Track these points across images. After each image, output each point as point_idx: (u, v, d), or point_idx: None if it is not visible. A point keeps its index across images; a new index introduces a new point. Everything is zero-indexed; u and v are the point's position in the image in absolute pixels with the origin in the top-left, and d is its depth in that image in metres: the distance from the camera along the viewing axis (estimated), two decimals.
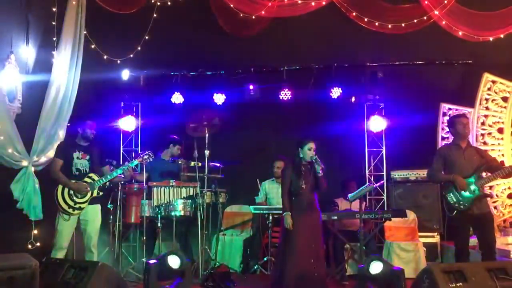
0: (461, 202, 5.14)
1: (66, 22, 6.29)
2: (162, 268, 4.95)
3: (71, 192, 5.49)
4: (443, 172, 5.40)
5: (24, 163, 5.52)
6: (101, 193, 5.71)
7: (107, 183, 5.87)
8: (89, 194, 5.57)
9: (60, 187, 5.49)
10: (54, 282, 4.32)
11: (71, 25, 6.35)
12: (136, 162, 6.01)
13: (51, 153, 5.89)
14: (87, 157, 5.69)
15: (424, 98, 7.73)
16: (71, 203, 5.47)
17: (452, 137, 5.61)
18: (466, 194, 5.15)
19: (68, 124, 6.26)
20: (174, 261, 4.99)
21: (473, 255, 5.36)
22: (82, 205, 5.53)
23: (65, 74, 6.18)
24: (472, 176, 5.19)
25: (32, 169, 5.61)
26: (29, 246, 5.50)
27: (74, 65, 6.32)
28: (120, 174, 5.85)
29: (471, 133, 7.37)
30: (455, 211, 5.16)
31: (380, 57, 7.80)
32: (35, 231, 5.53)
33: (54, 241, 5.45)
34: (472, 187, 5.17)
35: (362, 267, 4.82)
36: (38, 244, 5.54)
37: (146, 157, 6.02)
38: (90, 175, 5.66)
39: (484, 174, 5.32)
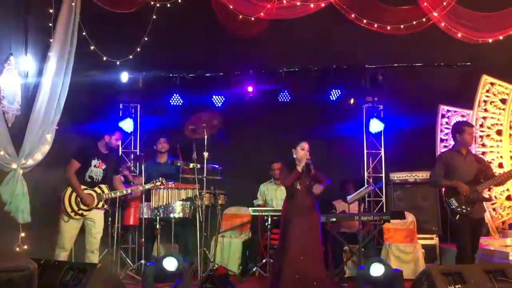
0: (463, 207, 5.22)
1: (59, 24, 6.27)
2: (160, 271, 4.95)
3: (79, 199, 5.50)
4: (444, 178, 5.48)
5: (14, 165, 5.50)
6: (105, 206, 5.71)
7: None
8: (94, 204, 5.58)
9: (69, 190, 5.50)
10: (52, 284, 4.31)
11: (63, 27, 6.33)
12: (148, 186, 6.03)
13: (38, 156, 5.87)
14: (103, 167, 5.69)
15: (422, 100, 7.74)
16: (75, 208, 5.48)
17: (454, 142, 5.66)
18: None
19: (56, 127, 6.22)
20: (170, 264, 4.96)
21: None
22: (84, 212, 5.53)
23: (54, 76, 6.16)
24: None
25: (21, 171, 5.59)
26: (17, 249, 5.49)
27: (64, 68, 6.29)
28: (130, 193, 5.90)
29: None
30: (458, 215, 5.24)
31: (379, 59, 7.80)
32: (23, 234, 5.52)
33: (57, 241, 5.46)
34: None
35: (362, 268, 4.82)
36: (25, 246, 5.52)
37: (158, 183, 6.02)
38: (101, 186, 5.66)
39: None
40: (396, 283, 4.68)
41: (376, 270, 4.74)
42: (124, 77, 7.63)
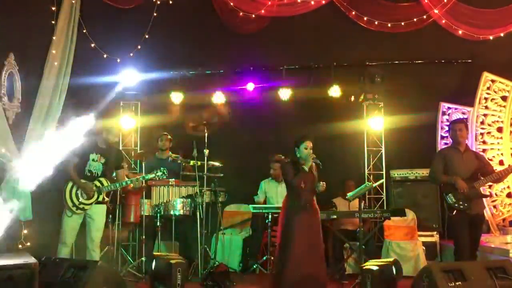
0: (461, 202, 5.27)
1: (60, 21, 6.26)
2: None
3: (78, 191, 5.50)
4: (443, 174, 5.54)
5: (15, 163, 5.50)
6: (106, 199, 5.72)
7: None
8: (94, 197, 5.57)
9: (70, 184, 5.50)
10: (53, 281, 4.32)
11: (64, 25, 6.32)
12: (149, 176, 6.00)
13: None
14: (103, 161, 5.67)
15: (423, 97, 7.73)
16: (76, 202, 5.47)
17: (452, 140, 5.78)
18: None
19: (57, 124, 6.22)
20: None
21: None
22: (85, 206, 5.51)
23: (55, 74, 6.14)
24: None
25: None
26: (19, 246, 5.50)
27: (65, 65, 6.28)
28: (130, 184, 5.89)
29: (470, 132, 7.42)
30: (455, 211, 5.30)
31: (379, 56, 7.80)
32: (25, 231, 5.52)
33: (59, 237, 5.46)
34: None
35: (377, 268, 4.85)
36: (28, 244, 5.53)
37: (159, 174, 6.02)
38: (101, 179, 5.64)
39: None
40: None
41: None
42: (131, 77, 7.59)
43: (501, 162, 7.45)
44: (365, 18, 7.38)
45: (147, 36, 7.50)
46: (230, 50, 7.86)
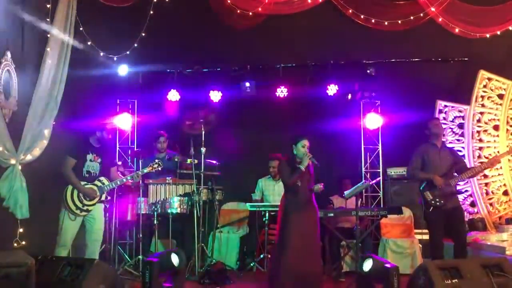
0: (437, 199, 5.47)
1: (56, 19, 6.24)
2: (164, 265, 5.00)
3: (81, 195, 5.47)
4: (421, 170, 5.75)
5: (12, 161, 5.47)
6: (109, 198, 5.70)
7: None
8: (97, 197, 5.56)
9: (70, 187, 5.45)
10: (50, 280, 4.32)
11: (60, 22, 6.30)
12: (146, 170, 5.99)
13: (36, 152, 5.84)
14: (99, 160, 5.64)
15: (420, 95, 7.74)
16: (80, 205, 5.43)
17: (429, 138, 5.88)
18: None
19: (54, 122, 6.20)
20: (175, 260, 5.08)
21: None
22: (89, 208, 5.49)
23: (52, 72, 6.13)
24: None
25: (19, 167, 5.56)
26: (15, 245, 5.47)
27: (62, 63, 6.26)
28: (129, 180, 5.87)
29: (467, 130, 7.47)
30: (431, 208, 5.50)
31: (376, 54, 7.79)
32: (21, 230, 5.50)
33: (57, 238, 5.40)
34: None
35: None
36: (23, 242, 5.50)
37: (156, 166, 6.02)
38: (101, 178, 5.61)
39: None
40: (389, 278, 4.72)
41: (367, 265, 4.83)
42: (123, 70, 7.58)
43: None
44: (362, 16, 7.36)
45: (143, 34, 7.48)
46: (227, 48, 7.84)
